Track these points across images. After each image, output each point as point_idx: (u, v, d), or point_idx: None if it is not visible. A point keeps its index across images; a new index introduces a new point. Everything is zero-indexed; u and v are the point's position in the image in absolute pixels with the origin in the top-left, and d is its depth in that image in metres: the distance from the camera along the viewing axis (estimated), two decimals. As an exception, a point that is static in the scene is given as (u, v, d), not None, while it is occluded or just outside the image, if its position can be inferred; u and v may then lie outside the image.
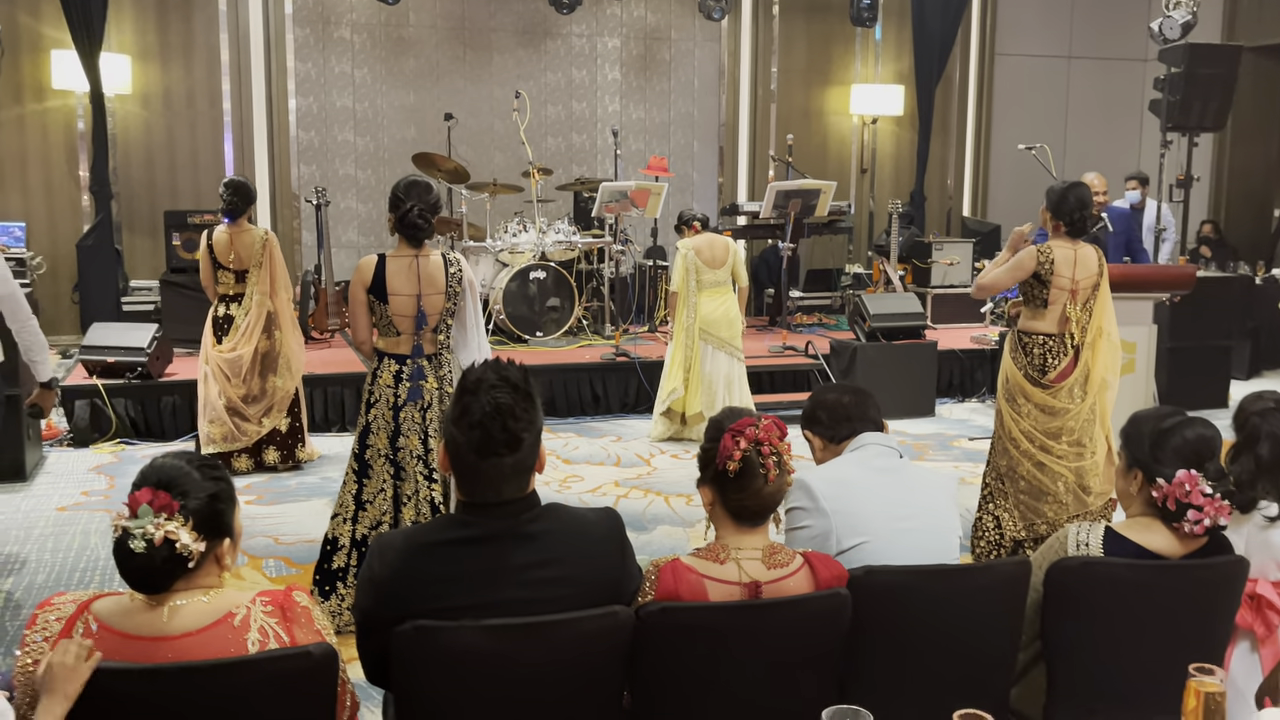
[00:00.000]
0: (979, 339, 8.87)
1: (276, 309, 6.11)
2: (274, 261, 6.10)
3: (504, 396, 2.09)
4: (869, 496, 2.58)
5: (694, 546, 5.02)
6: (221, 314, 6.10)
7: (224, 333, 6.08)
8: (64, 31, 8.76)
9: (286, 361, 6.14)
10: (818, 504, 2.55)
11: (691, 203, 11.40)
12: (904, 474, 2.69)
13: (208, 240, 6.09)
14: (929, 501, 2.64)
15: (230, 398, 6.03)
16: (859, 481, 2.61)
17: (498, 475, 2.10)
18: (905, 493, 2.63)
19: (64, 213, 9.61)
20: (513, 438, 2.08)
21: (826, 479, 2.62)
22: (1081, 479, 4.78)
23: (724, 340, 6.93)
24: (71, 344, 8.94)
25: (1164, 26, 8.72)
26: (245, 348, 6.03)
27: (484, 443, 2.07)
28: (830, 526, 2.52)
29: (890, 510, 2.56)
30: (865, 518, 2.54)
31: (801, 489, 2.57)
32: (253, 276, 6.06)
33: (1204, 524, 2.37)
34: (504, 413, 2.07)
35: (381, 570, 2.11)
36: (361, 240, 10.51)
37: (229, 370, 6.02)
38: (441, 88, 10.55)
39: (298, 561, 4.91)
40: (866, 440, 2.73)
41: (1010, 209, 12.02)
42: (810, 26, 11.53)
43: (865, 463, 2.68)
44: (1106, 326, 4.82)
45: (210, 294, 6.18)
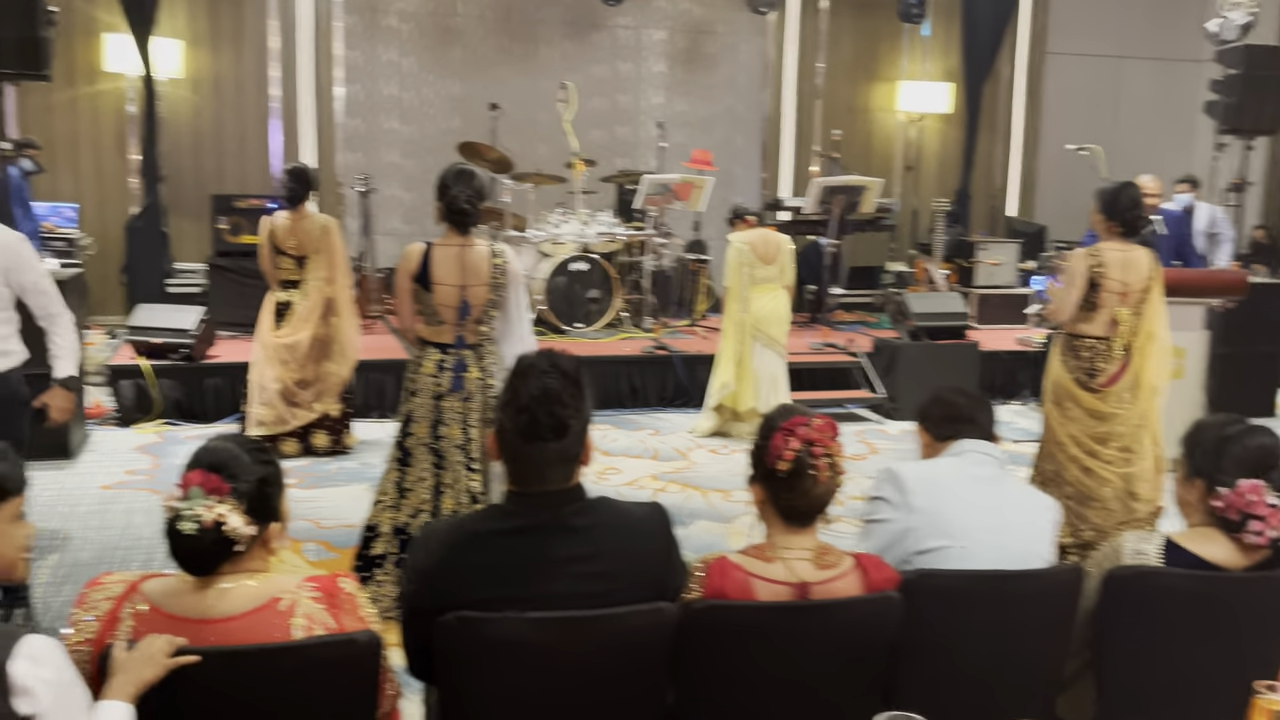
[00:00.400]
0: (1023, 340, 8.75)
1: (335, 295, 6.14)
2: (334, 249, 6.13)
3: (553, 382, 2.09)
4: (960, 501, 2.51)
5: (732, 542, 5.02)
6: (281, 299, 6.14)
7: (282, 318, 6.12)
8: (117, 15, 8.86)
9: (342, 347, 6.18)
10: (906, 499, 2.49)
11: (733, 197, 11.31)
12: (1002, 487, 2.60)
13: (269, 226, 6.12)
14: (1024, 520, 2.53)
15: (285, 382, 6.07)
16: (952, 483, 2.55)
17: (543, 461, 2.09)
18: (1000, 506, 2.54)
19: (114, 195, 9.73)
20: (559, 424, 2.07)
21: (919, 475, 2.57)
22: (1129, 485, 4.70)
23: (772, 338, 6.89)
24: (118, 324, 9.05)
25: (1221, 27, 8.56)
26: (303, 333, 6.08)
27: (530, 427, 2.07)
28: (913, 524, 2.45)
29: (981, 519, 2.47)
30: (952, 521, 2.46)
31: (891, 481, 2.53)
32: (312, 263, 6.10)
33: (1267, 535, 2.31)
34: (551, 398, 2.07)
35: (427, 559, 2.11)
36: (405, 228, 10.54)
37: (287, 354, 6.06)
38: (487, 78, 10.56)
39: (337, 546, 4.93)
40: (967, 447, 2.65)
41: (1057, 210, 11.87)
42: (858, 22, 11.43)
43: (962, 468, 2.61)
44: (1158, 331, 4.73)
45: (271, 280, 6.22)
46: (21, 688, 1.65)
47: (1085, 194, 5.03)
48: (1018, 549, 2.44)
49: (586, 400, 2.14)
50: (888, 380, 7.74)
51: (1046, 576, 2.34)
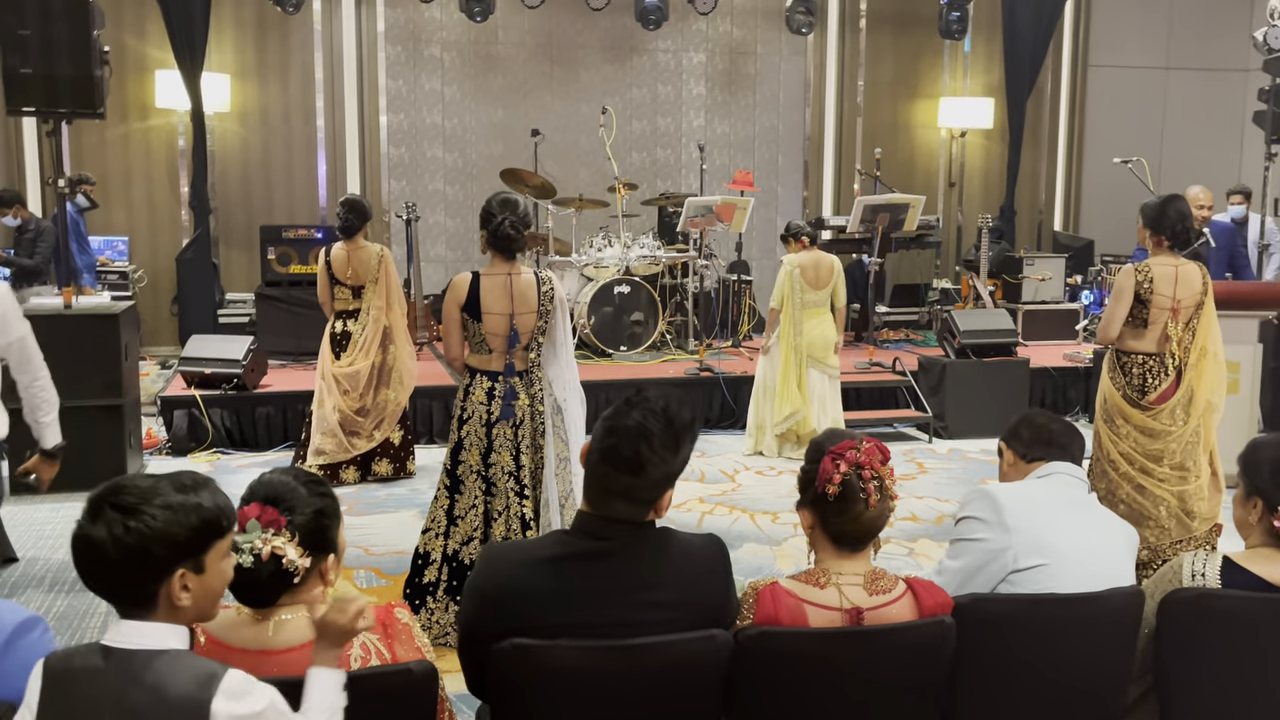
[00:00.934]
0: (1072, 356, 8.66)
1: (391, 323, 6.24)
2: (389, 277, 6.23)
3: (654, 424, 2.11)
4: (1055, 521, 2.50)
5: (780, 564, 5.00)
6: (339, 330, 6.23)
7: (341, 348, 6.21)
8: (167, 52, 9.05)
9: (399, 375, 6.27)
10: (1001, 518, 2.47)
11: (776, 217, 11.35)
12: (1091, 510, 2.61)
13: (325, 257, 6.23)
14: (1111, 545, 2.52)
15: (344, 411, 6.16)
16: (1044, 505, 2.54)
17: (611, 488, 2.11)
18: (1089, 529, 2.53)
19: (165, 227, 9.93)
20: (637, 461, 2.09)
21: (1014, 495, 2.56)
22: (1184, 503, 4.62)
23: (819, 360, 6.90)
24: (170, 355, 9.21)
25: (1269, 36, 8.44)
26: (363, 362, 6.16)
27: (611, 452, 2.11)
28: (1010, 543, 2.44)
29: (1073, 539, 2.47)
30: (1049, 540, 2.45)
31: (985, 500, 2.52)
32: (369, 292, 6.19)
33: (1329, 556, 2.27)
34: (642, 436, 2.09)
35: (488, 581, 2.13)
36: (450, 254, 10.66)
37: (348, 384, 6.15)
38: (529, 104, 10.66)
39: (388, 573, 4.97)
40: (1057, 469, 2.65)
41: (1104, 223, 11.74)
42: (898, 39, 11.41)
43: (1054, 490, 2.61)
44: (1211, 346, 4.66)
45: (327, 310, 6.32)
46: None
47: (1133, 207, 4.97)
48: (1107, 571, 2.44)
49: (677, 455, 2.14)
50: (935, 399, 7.68)
51: (1104, 600, 2.31)
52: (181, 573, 1.74)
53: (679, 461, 2.14)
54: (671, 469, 2.13)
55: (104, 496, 1.75)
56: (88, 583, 1.77)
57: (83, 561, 1.75)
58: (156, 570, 1.73)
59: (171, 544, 1.73)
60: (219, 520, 1.79)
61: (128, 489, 1.75)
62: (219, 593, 1.82)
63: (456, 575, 4.14)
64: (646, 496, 2.13)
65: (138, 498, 1.74)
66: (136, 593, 1.74)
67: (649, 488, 2.12)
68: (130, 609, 1.76)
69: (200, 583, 1.76)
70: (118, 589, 1.76)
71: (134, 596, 1.75)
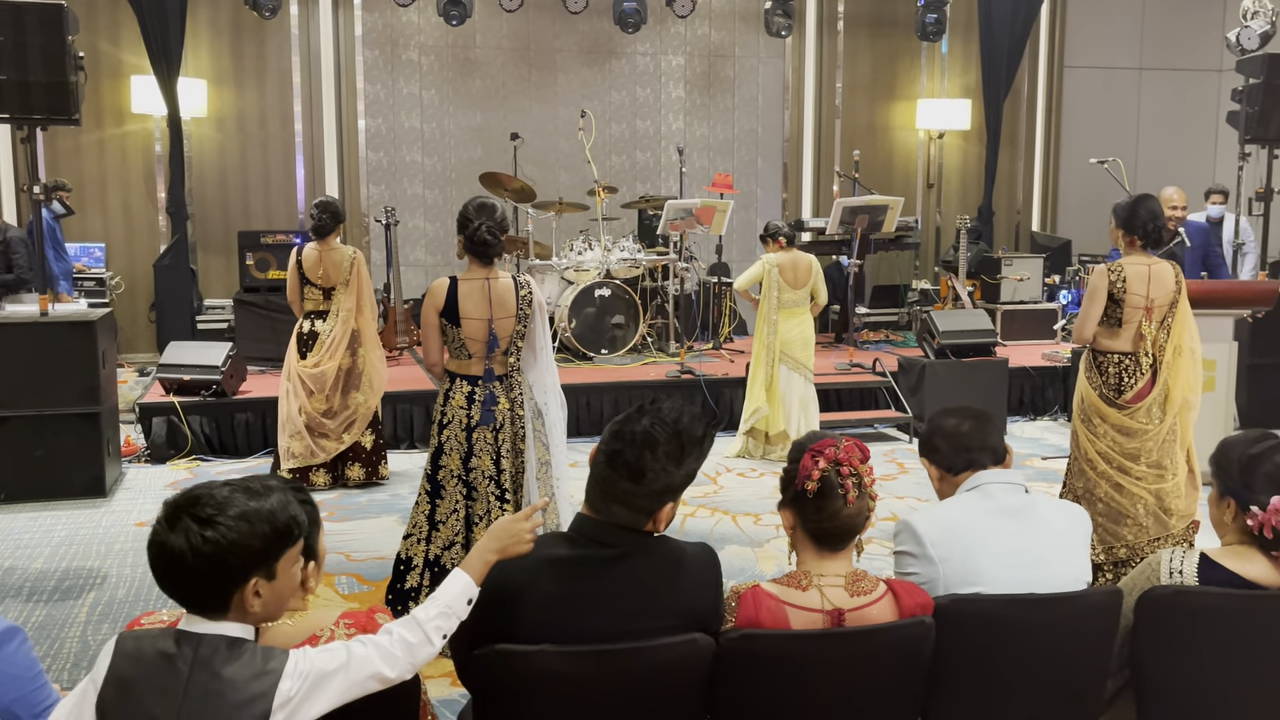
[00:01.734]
0: (1051, 356, 8.72)
1: (360, 327, 6.21)
2: (361, 280, 6.21)
3: (660, 432, 2.11)
4: (982, 543, 2.42)
5: (762, 566, 5.01)
6: (306, 330, 6.20)
7: (308, 348, 6.18)
8: (143, 57, 9.01)
9: (369, 379, 6.23)
10: (924, 550, 2.42)
11: (755, 220, 11.38)
12: (1027, 515, 2.50)
13: (297, 256, 6.20)
14: (1052, 545, 2.46)
15: (310, 413, 6.12)
16: (972, 526, 2.45)
17: (610, 493, 2.12)
18: (1025, 537, 2.45)
19: (142, 234, 9.87)
20: (639, 468, 2.09)
21: (934, 522, 2.47)
22: (1162, 501, 4.65)
23: (798, 361, 6.93)
24: (148, 362, 9.16)
25: (1242, 37, 8.53)
26: (329, 363, 6.13)
27: (614, 456, 2.12)
28: (938, 574, 2.39)
29: (1007, 558, 2.40)
30: (978, 565, 2.39)
31: (908, 533, 2.46)
32: (339, 294, 6.17)
33: (1303, 552, 2.30)
34: (646, 443, 2.09)
35: (489, 580, 2.13)
36: (429, 259, 10.64)
37: (313, 385, 6.12)
38: (507, 108, 10.66)
39: (369, 578, 4.95)
40: (984, 479, 2.55)
41: (1080, 223, 11.82)
42: (875, 42, 11.47)
43: (982, 504, 2.51)
44: (1188, 343, 4.69)
45: (296, 310, 6.29)
46: (282, 703, 1.79)
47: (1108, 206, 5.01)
48: (1052, 578, 2.39)
49: (681, 466, 2.13)
50: (915, 399, 7.72)
51: (1082, 599, 2.32)
52: (255, 580, 1.82)
53: (681, 475, 2.14)
54: (673, 481, 2.12)
55: (182, 506, 1.83)
56: (163, 587, 1.84)
57: (159, 567, 1.82)
58: (232, 578, 1.81)
59: (246, 554, 1.80)
60: (291, 529, 1.86)
61: (205, 498, 1.83)
62: (288, 597, 1.90)
63: (438, 580, 4.10)
64: (646, 505, 2.13)
65: (215, 508, 1.81)
66: (211, 599, 1.82)
67: (648, 496, 2.12)
68: (202, 612, 1.84)
69: (271, 589, 1.85)
70: (192, 595, 1.83)
71: (207, 602, 1.83)
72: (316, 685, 1.82)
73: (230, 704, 1.75)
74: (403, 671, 1.93)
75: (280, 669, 1.80)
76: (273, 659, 1.81)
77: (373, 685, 1.90)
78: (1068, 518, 2.56)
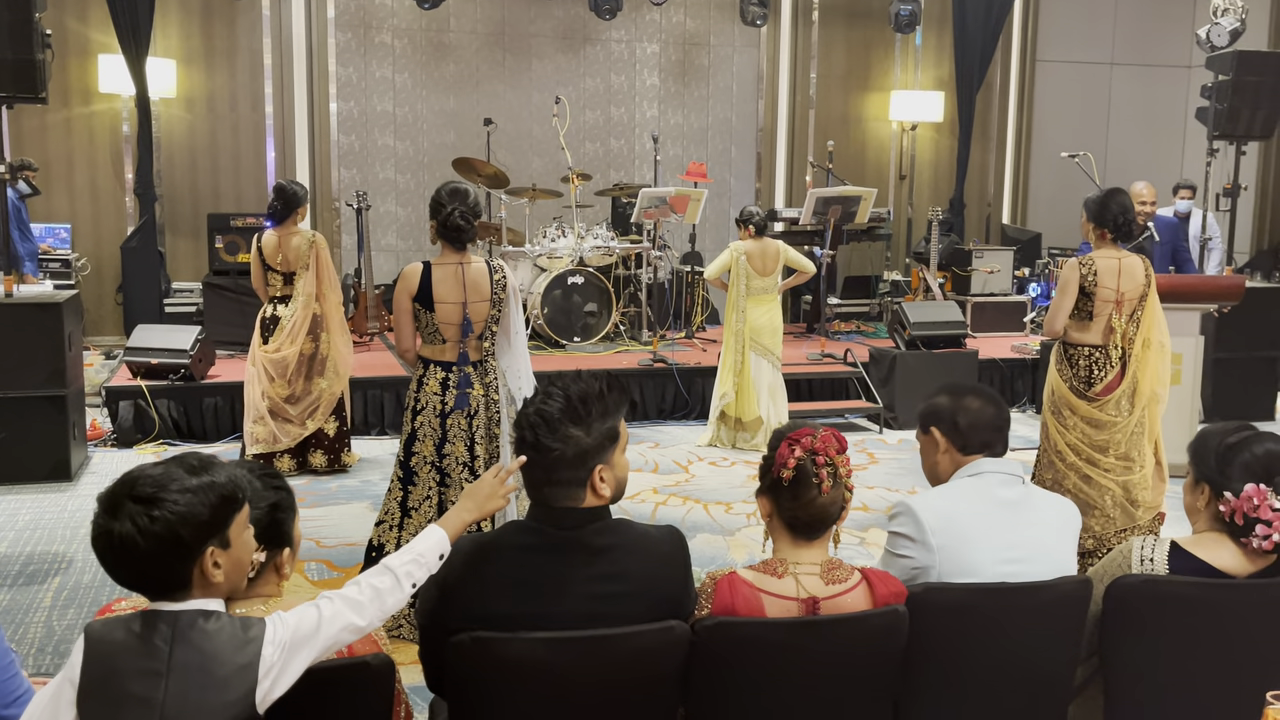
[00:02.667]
0: (1020, 348, 8.79)
1: (325, 311, 6.15)
2: (321, 264, 6.14)
3: (551, 406, 2.10)
4: (979, 534, 2.41)
5: (734, 555, 5.02)
6: (269, 315, 6.14)
7: (270, 333, 6.12)
8: (111, 36, 8.88)
9: (334, 364, 6.18)
10: (924, 537, 2.40)
11: (729, 209, 11.38)
12: (1023, 508, 2.50)
13: (257, 243, 6.15)
14: (1044, 540, 2.46)
15: (273, 398, 6.07)
16: (971, 516, 2.44)
17: (530, 480, 2.13)
18: (1020, 532, 2.45)
19: (109, 215, 9.74)
20: (539, 446, 2.09)
21: (936, 511, 2.45)
22: (1129, 493, 4.71)
23: (766, 348, 6.96)
24: (115, 345, 9.06)
25: (1211, 33, 8.60)
26: (290, 349, 6.07)
27: (517, 445, 2.15)
28: (934, 563, 2.38)
29: (1000, 551, 2.40)
30: (973, 558, 2.39)
31: (909, 517, 2.44)
32: (300, 278, 6.11)
33: (1274, 539, 2.32)
34: (537, 421, 2.10)
35: (446, 572, 2.12)
36: (401, 244, 10.57)
37: (274, 370, 6.06)
38: (481, 93, 10.60)
39: (340, 565, 4.93)
40: (986, 468, 2.54)
41: (1051, 216, 11.91)
42: (850, 32, 11.49)
43: (982, 494, 2.49)
44: (1156, 337, 4.75)
45: (262, 296, 6.23)
46: (266, 670, 1.78)
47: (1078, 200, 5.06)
48: (1041, 574, 2.39)
49: (588, 426, 2.10)
50: (885, 390, 7.76)
51: (1053, 589, 2.33)
52: (211, 550, 1.79)
53: (594, 434, 2.10)
54: (585, 444, 2.09)
55: (120, 491, 1.77)
56: (117, 577, 1.79)
57: (111, 557, 1.77)
58: (188, 552, 1.77)
59: (197, 525, 1.77)
60: (236, 494, 1.83)
61: (142, 479, 1.78)
62: (246, 564, 1.88)
63: (410, 567, 4.11)
64: (568, 477, 2.10)
65: (155, 486, 1.76)
66: (170, 579, 1.79)
67: (566, 468, 2.10)
68: (164, 595, 1.80)
69: (229, 557, 1.81)
70: (150, 579, 1.79)
71: (167, 582, 1.79)
72: (295, 648, 1.81)
73: (217, 677, 1.73)
74: (372, 619, 1.93)
75: (261, 636, 1.79)
76: (252, 627, 1.80)
77: (346, 637, 1.90)
78: (1060, 512, 2.56)
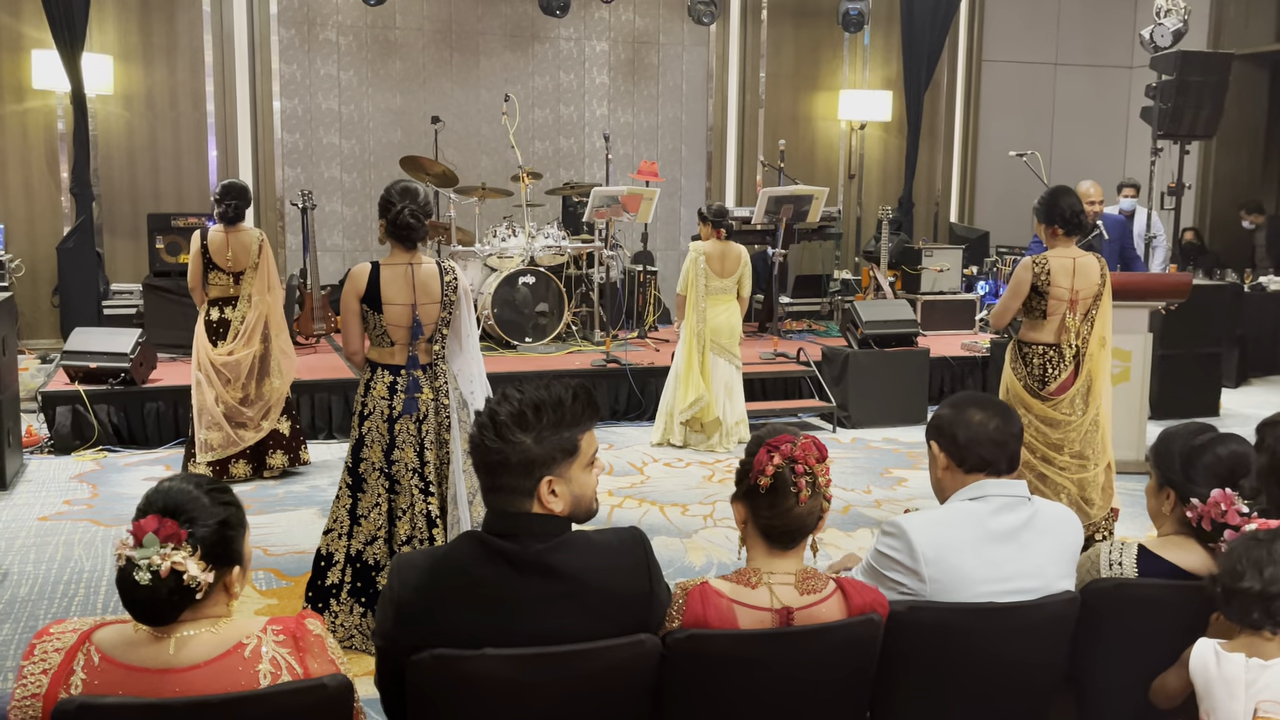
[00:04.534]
0: (970, 346, 8.84)
1: (269, 310, 6.02)
2: (267, 262, 6.03)
3: (500, 411, 2.06)
4: (975, 568, 2.30)
5: (691, 558, 4.97)
6: (215, 318, 5.98)
7: (219, 336, 5.97)
8: (45, 31, 8.62)
9: (278, 363, 6.05)
10: (918, 567, 2.29)
11: (680, 208, 11.36)
12: (1025, 534, 2.35)
13: (201, 241, 5.96)
14: (1042, 571, 2.33)
15: (227, 402, 5.93)
16: (968, 548, 2.31)
17: (484, 485, 2.09)
18: (1019, 560, 2.33)
19: (44, 214, 9.46)
20: (484, 449, 2.05)
21: (931, 540, 2.31)
22: (1084, 490, 4.74)
23: (724, 348, 6.92)
24: (51, 348, 8.80)
25: (1155, 34, 8.73)
26: (243, 351, 5.94)
27: (470, 445, 2.12)
28: (925, 593, 2.28)
29: (995, 585, 2.29)
30: (966, 592, 2.28)
31: (903, 541, 2.31)
32: (249, 278, 5.96)
33: (1242, 542, 2.31)
34: (486, 424, 2.06)
35: (402, 590, 2.03)
36: (346, 244, 10.40)
37: (228, 373, 5.92)
38: (428, 90, 10.45)
39: (288, 573, 4.80)
40: (988, 490, 2.39)
41: (998, 215, 12.02)
42: (799, 31, 11.50)
43: (982, 523, 2.35)
44: (1109, 336, 4.79)
45: (197, 297, 6.05)
46: None
47: (1025, 198, 5.10)
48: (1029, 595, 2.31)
49: (535, 433, 2.03)
50: (838, 389, 7.76)
51: (1041, 609, 2.26)
52: None
53: (545, 443, 2.03)
54: (530, 454, 2.02)
55: None
56: None
57: None
58: None
59: None
60: None
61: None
62: None
63: (360, 576, 4.01)
64: (513, 485, 2.04)
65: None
66: None
67: (508, 473, 2.03)
68: None
69: None
70: None
71: None
72: None
73: None
74: None
75: None
76: None
77: None
78: (1063, 535, 2.42)
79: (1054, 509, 2.47)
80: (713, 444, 6.92)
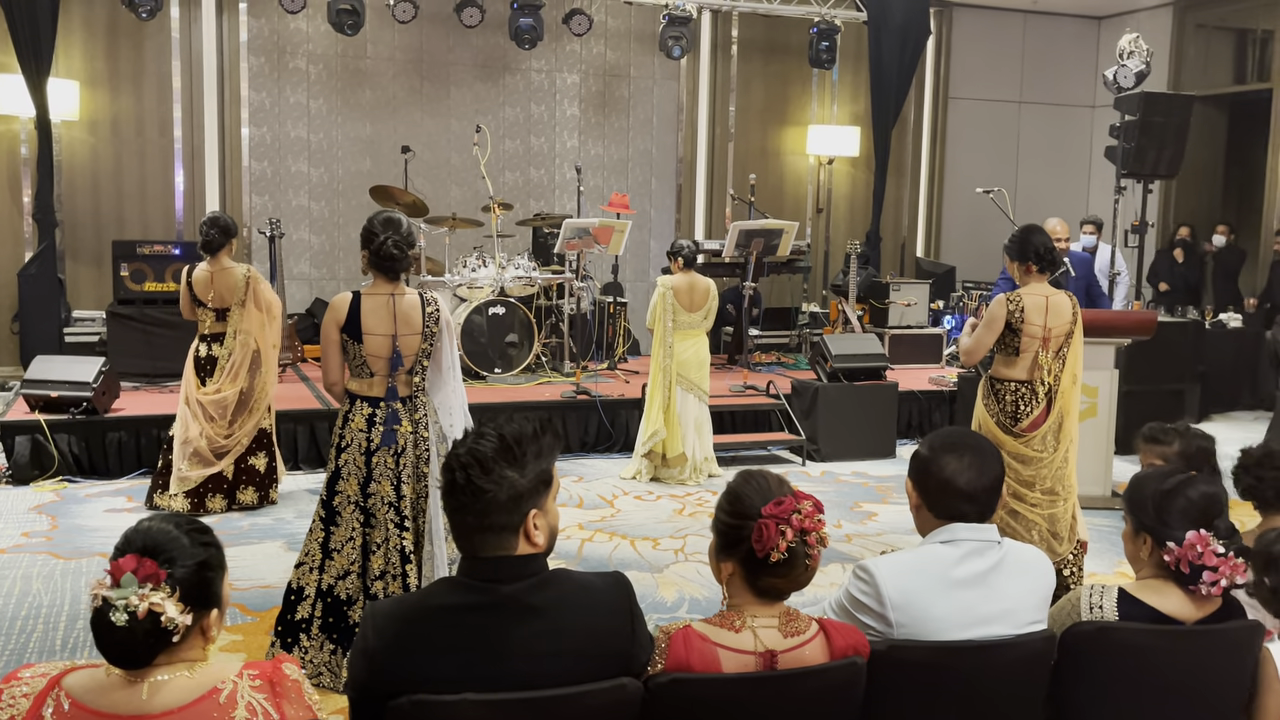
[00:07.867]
0: (937, 380, 8.89)
1: (262, 347, 6.01)
2: (259, 299, 6.01)
3: (484, 446, 1.99)
4: (942, 616, 2.29)
5: (663, 593, 4.93)
6: (204, 355, 5.97)
7: (207, 373, 5.94)
8: (10, 55, 8.55)
9: (259, 400, 6.04)
10: (884, 611, 2.30)
11: (649, 240, 11.38)
12: (994, 578, 2.35)
13: (187, 277, 5.97)
14: (1011, 615, 2.34)
15: (211, 437, 5.91)
16: (935, 594, 2.31)
17: (463, 525, 2.01)
18: (987, 604, 2.33)
19: (5, 240, 9.34)
20: (472, 488, 1.97)
21: (899, 587, 2.31)
22: (1054, 525, 4.76)
23: (693, 383, 6.92)
24: (11, 376, 8.66)
25: (1118, 74, 8.88)
26: (230, 389, 5.92)
27: (448, 488, 2.01)
28: (892, 636, 2.28)
29: (962, 617, 2.30)
30: (931, 630, 2.28)
31: (871, 585, 2.32)
32: (234, 315, 5.94)
33: (1220, 584, 2.32)
34: (469, 462, 1.98)
35: (375, 640, 1.98)
36: (314, 272, 10.32)
37: (214, 411, 5.89)
38: (398, 120, 10.43)
39: (253, 609, 4.72)
40: (959, 534, 2.38)
41: (964, 250, 12.15)
42: (768, 67, 11.60)
43: (951, 568, 2.34)
44: (1079, 372, 4.83)
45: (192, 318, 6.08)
46: None
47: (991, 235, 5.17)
48: None
49: (523, 468, 2.00)
50: (808, 422, 7.77)
51: (1018, 648, 2.27)
52: None
53: (529, 476, 2.00)
54: (518, 488, 1.99)
55: None
56: None
57: None
58: None
59: None
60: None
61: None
62: None
63: (331, 611, 3.94)
64: (502, 522, 1.99)
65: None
66: None
67: (499, 511, 1.99)
68: None
69: None
70: None
71: None
72: None
73: None
74: None
75: None
76: None
77: None
78: (1034, 579, 2.42)
79: (1024, 551, 2.47)
80: (683, 478, 6.91)
